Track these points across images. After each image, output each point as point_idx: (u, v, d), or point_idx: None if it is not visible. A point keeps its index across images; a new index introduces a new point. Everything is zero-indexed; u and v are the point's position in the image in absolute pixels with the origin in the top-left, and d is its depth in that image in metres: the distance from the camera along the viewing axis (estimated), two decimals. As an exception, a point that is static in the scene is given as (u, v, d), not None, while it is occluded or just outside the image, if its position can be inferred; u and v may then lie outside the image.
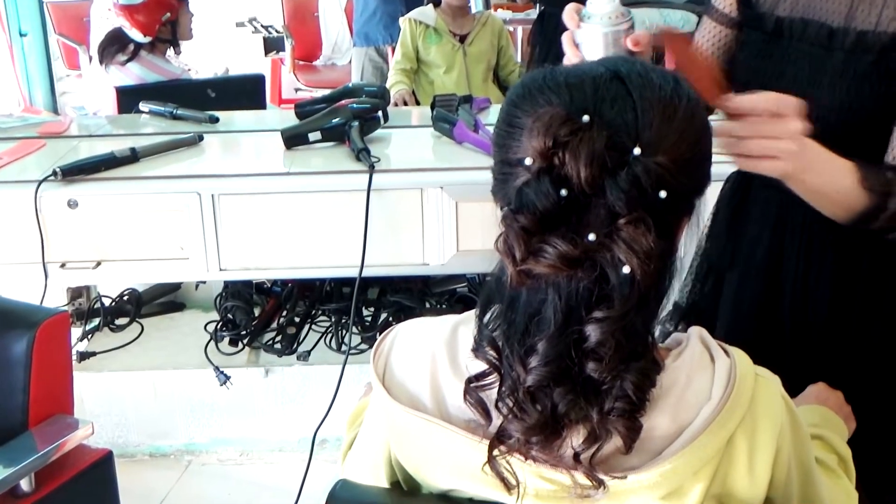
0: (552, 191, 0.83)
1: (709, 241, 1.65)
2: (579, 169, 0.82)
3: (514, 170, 0.87)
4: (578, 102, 0.86)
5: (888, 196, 1.23)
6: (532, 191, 0.84)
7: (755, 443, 0.91)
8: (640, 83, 0.88)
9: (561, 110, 0.85)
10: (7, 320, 1.58)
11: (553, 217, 0.84)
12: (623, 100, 0.86)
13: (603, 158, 0.82)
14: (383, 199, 2.25)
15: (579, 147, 0.82)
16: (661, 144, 0.85)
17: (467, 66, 3.75)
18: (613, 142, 0.83)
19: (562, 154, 0.83)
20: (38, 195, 2.21)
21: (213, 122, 2.81)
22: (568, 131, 0.83)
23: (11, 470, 1.45)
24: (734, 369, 0.92)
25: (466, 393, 0.93)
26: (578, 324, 0.86)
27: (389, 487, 1.04)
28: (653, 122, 0.86)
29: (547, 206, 0.83)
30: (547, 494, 0.92)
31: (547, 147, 0.83)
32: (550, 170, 0.84)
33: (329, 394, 2.33)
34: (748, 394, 0.91)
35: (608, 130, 0.84)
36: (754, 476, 0.92)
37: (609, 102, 0.86)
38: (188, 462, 2.88)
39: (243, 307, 2.81)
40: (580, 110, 0.84)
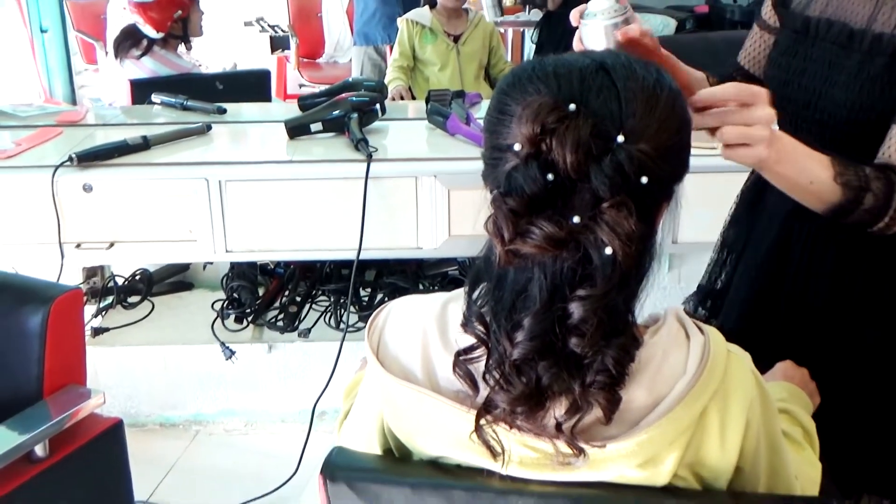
0: (539, 175, 0.82)
1: (729, 227, 1.65)
2: (565, 155, 0.81)
3: (504, 155, 0.87)
4: (566, 92, 0.85)
5: (863, 192, 1.22)
6: (520, 175, 0.84)
7: (727, 415, 0.91)
8: (625, 74, 0.87)
9: (549, 99, 0.84)
10: (24, 296, 1.57)
11: (540, 200, 0.83)
12: (608, 90, 0.85)
13: (588, 145, 0.82)
14: (380, 187, 2.24)
15: (566, 134, 0.82)
16: (643, 133, 0.84)
17: (460, 64, 3.74)
18: (598, 129, 0.83)
19: (549, 140, 0.82)
20: (55, 179, 2.19)
21: (220, 113, 2.79)
22: (555, 119, 0.82)
23: (27, 436, 1.44)
24: (708, 346, 0.91)
25: (456, 365, 0.92)
26: (563, 301, 0.85)
27: (382, 454, 1.03)
28: (636, 111, 0.85)
29: (534, 190, 0.83)
30: (530, 462, 0.92)
31: (535, 133, 0.82)
32: (538, 155, 0.83)
33: (328, 369, 2.33)
34: (721, 369, 0.91)
35: (593, 119, 0.83)
36: (725, 446, 0.91)
37: (595, 92, 0.85)
38: (196, 432, 2.87)
39: (248, 287, 2.80)
40: (567, 99, 0.84)
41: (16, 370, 1.55)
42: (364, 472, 1.00)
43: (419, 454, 1.00)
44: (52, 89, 6.02)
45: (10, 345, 1.55)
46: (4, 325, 1.55)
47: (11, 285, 1.62)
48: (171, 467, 2.68)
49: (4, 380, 1.56)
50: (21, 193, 2.23)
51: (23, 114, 2.81)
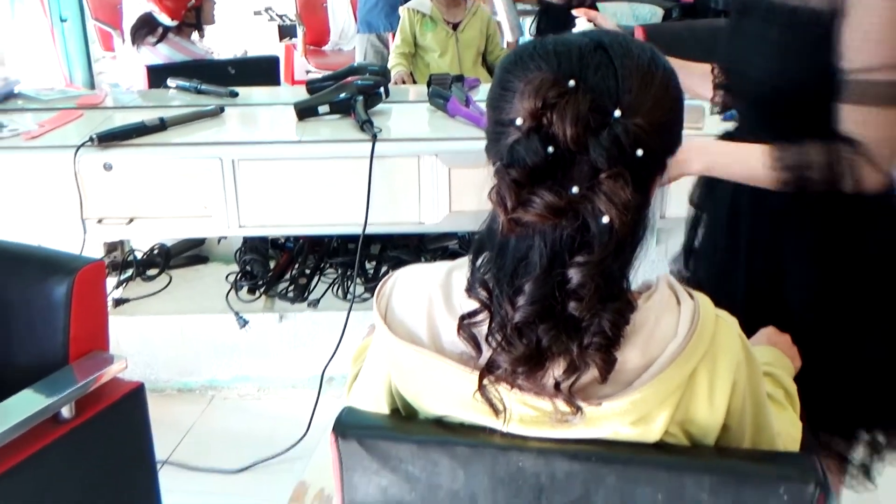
0: (540, 148, 0.82)
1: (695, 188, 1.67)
2: (565, 128, 0.81)
3: (507, 129, 0.86)
4: (565, 69, 0.85)
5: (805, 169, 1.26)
6: (522, 147, 0.83)
7: (715, 376, 0.91)
8: (621, 52, 0.87)
9: (549, 75, 0.84)
10: (50, 267, 1.56)
11: (541, 171, 0.83)
12: (606, 67, 0.85)
13: (587, 119, 0.82)
14: (384, 166, 2.23)
15: (566, 109, 0.81)
16: (639, 108, 0.84)
17: (459, 51, 3.72)
18: (596, 104, 0.82)
19: (550, 115, 0.82)
20: (76, 159, 2.18)
21: (233, 97, 2.77)
22: (556, 94, 0.82)
23: (54, 398, 1.44)
24: (698, 311, 0.91)
25: (460, 328, 0.92)
26: (562, 267, 0.85)
27: (390, 414, 1.03)
28: (632, 87, 0.85)
29: (535, 162, 0.82)
30: (530, 419, 0.92)
31: (536, 108, 0.82)
32: (539, 129, 0.83)
33: (336, 337, 2.33)
34: (710, 333, 0.91)
35: (592, 94, 0.83)
36: (713, 405, 0.91)
37: (593, 69, 0.85)
38: (211, 396, 2.88)
39: (260, 260, 2.80)
40: (567, 76, 0.83)
41: (43, 337, 1.55)
42: (373, 429, 1.00)
43: (425, 413, 1.00)
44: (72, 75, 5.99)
45: (37, 313, 1.55)
46: (32, 294, 1.55)
47: (38, 258, 1.61)
48: (189, 430, 2.68)
49: (32, 346, 1.56)
50: (45, 172, 2.22)
51: (45, 97, 2.79)
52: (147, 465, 1.72)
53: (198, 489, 2.40)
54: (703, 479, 0.90)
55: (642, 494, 0.91)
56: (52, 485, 1.48)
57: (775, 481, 0.89)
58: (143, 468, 1.71)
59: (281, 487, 2.35)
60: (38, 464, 1.43)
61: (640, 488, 0.91)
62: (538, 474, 0.93)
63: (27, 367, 1.54)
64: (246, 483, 2.44)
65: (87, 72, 5.01)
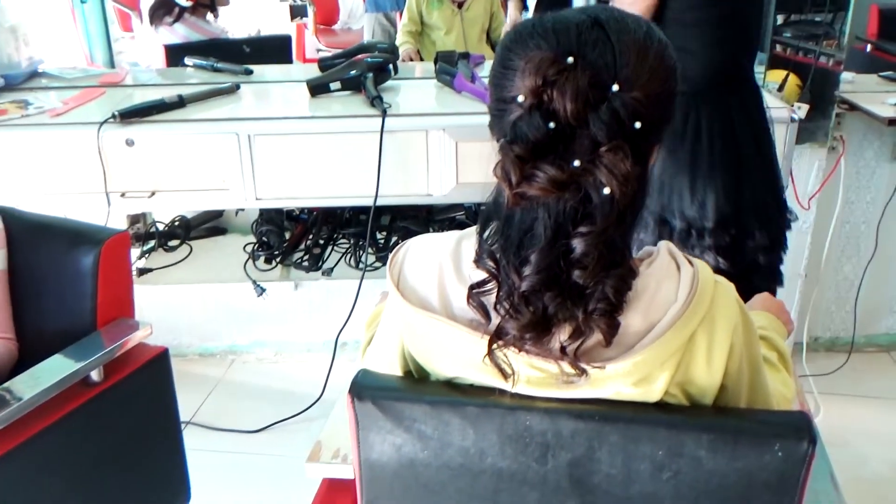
0: (542, 123, 0.81)
1: None
2: (566, 104, 0.80)
3: (509, 106, 0.86)
4: (564, 46, 0.83)
5: None
6: (525, 124, 0.82)
7: (713, 339, 0.90)
8: (618, 28, 0.85)
9: (549, 53, 0.83)
10: (78, 238, 1.56)
11: (543, 146, 0.82)
12: (603, 43, 0.84)
13: (586, 94, 0.81)
14: (394, 140, 2.22)
15: (565, 85, 0.80)
16: (636, 82, 0.83)
17: (464, 28, 3.70)
18: (595, 80, 0.81)
19: (550, 91, 0.81)
20: (99, 135, 2.17)
21: (248, 74, 2.76)
22: (555, 71, 0.81)
23: (84, 363, 1.45)
24: (697, 276, 0.91)
25: (469, 297, 0.91)
26: (566, 238, 0.85)
27: (403, 376, 1.04)
28: (629, 62, 0.84)
29: (538, 137, 0.82)
30: (537, 381, 0.92)
31: (537, 85, 0.81)
32: (540, 105, 0.82)
33: (349, 303, 2.33)
34: (708, 298, 0.90)
35: (590, 70, 0.82)
36: (712, 367, 0.91)
37: (591, 45, 0.84)
38: (231, 360, 2.90)
39: (276, 231, 2.80)
40: (566, 53, 0.82)
41: (72, 304, 1.55)
42: (387, 391, 1.00)
43: (436, 375, 1.00)
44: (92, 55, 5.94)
45: (66, 282, 1.55)
46: (60, 264, 1.55)
47: (65, 229, 1.62)
48: (210, 392, 2.71)
49: (62, 313, 1.56)
50: (69, 148, 2.21)
51: (68, 76, 2.78)
52: (172, 426, 1.73)
53: (219, 448, 2.43)
54: (702, 437, 0.90)
55: (644, 451, 0.91)
56: (82, 444, 1.50)
57: (770, 438, 0.89)
58: (169, 428, 1.72)
59: (298, 446, 2.38)
60: (69, 425, 1.44)
61: (642, 446, 0.91)
62: (545, 432, 0.93)
63: (57, 334, 1.54)
64: (265, 442, 2.46)
65: (108, 51, 4.96)
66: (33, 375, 1.41)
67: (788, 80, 2.70)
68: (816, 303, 2.76)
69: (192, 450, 1.80)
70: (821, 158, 2.55)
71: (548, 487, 0.95)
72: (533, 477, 0.95)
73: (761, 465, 0.89)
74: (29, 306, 1.60)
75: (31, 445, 1.36)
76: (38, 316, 1.59)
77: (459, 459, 0.97)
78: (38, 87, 2.63)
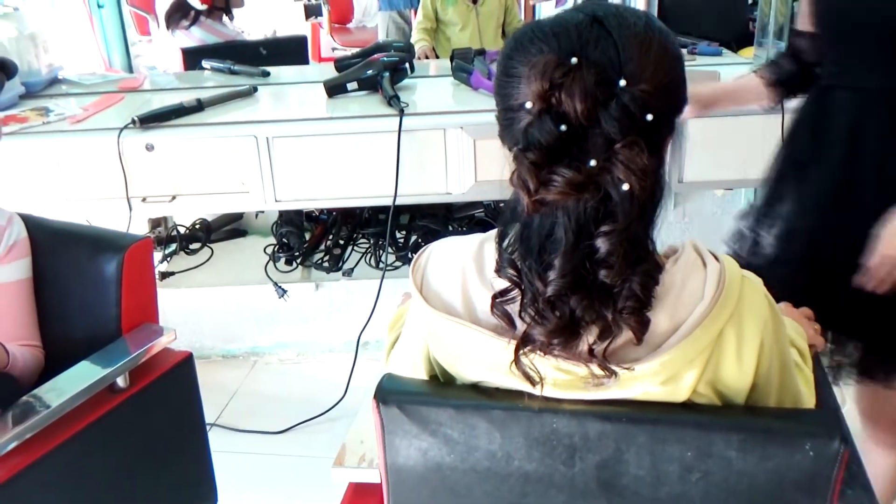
0: (553, 127, 0.81)
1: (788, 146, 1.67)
2: (575, 105, 0.80)
3: (517, 114, 0.85)
4: (566, 47, 0.83)
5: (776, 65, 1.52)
6: (536, 129, 0.82)
7: (742, 336, 0.89)
8: (617, 23, 0.85)
9: (552, 56, 0.82)
10: (101, 245, 1.57)
11: (557, 150, 0.81)
12: (605, 40, 0.83)
13: (594, 93, 0.80)
14: (412, 139, 2.22)
15: (572, 86, 0.80)
16: (642, 74, 0.82)
17: (479, 24, 3.68)
18: (601, 77, 0.81)
19: (558, 94, 0.80)
20: (120, 140, 2.19)
21: (265, 76, 2.76)
22: (561, 73, 0.80)
23: (110, 369, 1.46)
24: (723, 273, 0.90)
25: (493, 307, 0.91)
26: (589, 239, 0.84)
27: (428, 380, 1.03)
28: (633, 55, 0.83)
29: (550, 141, 0.81)
30: (563, 383, 0.91)
31: (544, 89, 0.81)
32: (549, 109, 0.81)
33: (370, 303, 2.34)
34: (736, 294, 0.89)
35: (595, 68, 0.81)
36: (742, 364, 0.90)
37: (593, 44, 0.83)
38: (254, 362, 2.91)
39: (296, 232, 2.81)
40: (568, 54, 0.81)
41: (97, 311, 1.56)
42: (412, 395, 0.99)
43: (461, 379, 1.00)
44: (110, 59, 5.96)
45: (90, 289, 1.56)
46: (85, 271, 1.56)
47: (89, 236, 1.62)
48: (234, 394, 2.72)
49: (87, 320, 1.57)
50: (90, 154, 2.23)
51: (87, 82, 2.80)
52: (198, 429, 1.74)
53: (244, 449, 2.44)
54: (731, 437, 0.89)
55: (672, 452, 0.90)
56: (110, 450, 1.51)
57: (801, 438, 0.88)
58: (195, 432, 1.73)
59: (322, 446, 2.39)
60: (96, 431, 1.45)
61: (670, 446, 0.90)
62: (571, 434, 0.92)
63: (83, 340, 1.55)
64: (289, 442, 2.47)
65: (125, 55, 4.99)
66: (60, 383, 1.41)
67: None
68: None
69: (216, 452, 1.81)
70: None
71: (576, 490, 0.94)
72: (560, 479, 0.95)
73: (792, 465, 0.88)
74: (54, 313, 1.61)
75: (59, 453, 1.37)
76: (63, 323, 1.60)
77: (486, 463, 0.96)
78: (58, 94, 2.65)
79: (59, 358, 1.52)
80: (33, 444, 1.32)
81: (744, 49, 2.95)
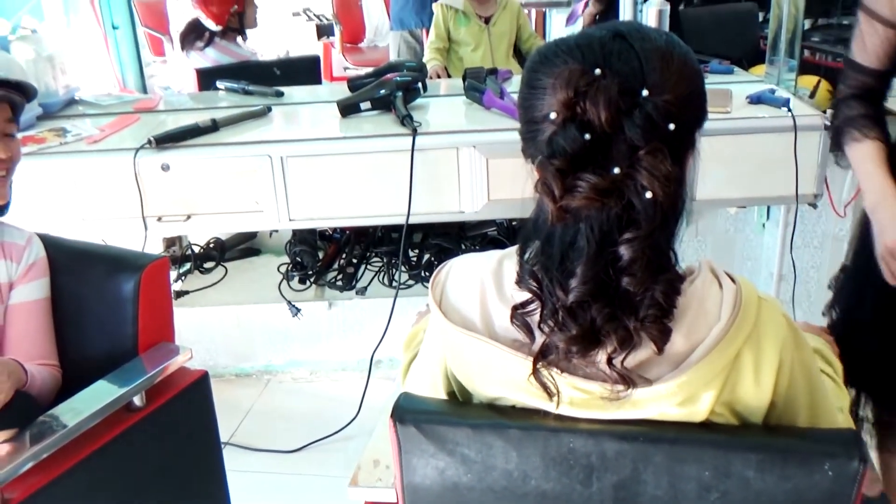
0: (578, 135, 0.82)
1: None
2: (599, 113, 0.81)
3: (541, 126, 0.86)
4: (590, 59, 0.85)
5: None
6: (561, 138, 0.83)
7: (760, 357, 0.89)
8: (639, 37, 0.87)
9: (577, 67, 0.84)
10: (118, 265, 1.59)
11: (582, 157, 0.83)
12: (627, 52, 0.85)
13: (618, 102, 0.82)
14: (425, 158, 2.23)
15: (597, 95, 0.82)
16: (664, 85, 0.84)
17: (492, 44, 3.70)
18: (625, 87, 0.82)
19: (583, 103, 0.82)
20: (136, 161, 2.20)
21: (278, 96, 2.78)
22: (585, 83, 0.82)
23: (126, 388, 1.47)
24: (740, 294, 0.90)
25: (513, 318, 0.91)
26: (611, 246, 0.85)
27: (445, 398, 1.04)
28: (655, 67, 0.85)
29: (575, 149, 0.82)
30: (580, 402, 0.91)
31: (569, 98, 0.82)
32: (574, 118, 0.83)
33: (383, 322, 2.34)
34: (753, 315, 0.89)
35: (619, 78, 0.83)
36: (760, 385, 0.90)
37: (616, 56, 0.85)
38: (267, 380, 2.91)
39: (309, 251, 2.81)
40: (592, 65, 0.83)
41: (113, 331, 1.57)
42: (429, 414, 1.00)
43: (478, 396, 1.00)
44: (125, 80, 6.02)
45: (107, 308, 1.57)
46: (101, 291, 1.57)
47: (106, 256, 1.64)
48: (248, 412, 2.72)
49: (104, 339, 1.58)
50: (107, 174, 2.25)
51: (104, 103, 2.83)
52: (213, 448, 1.75)
53: (257, 468, 2.44)
54: (750, 457, 0.89)
55: (690, 472, 0.90)
56: (126, 469, 1.51)
57: (820, 458, 0.88)
58: (210, 450, 1.74)
59: (336, 465, 2.39)
60: (113, 450, 1.45)
61: (688, 466, 0.90)
62: (589, 454, 0.92)
63: (100, 359, 1.56)
64: (303, 461, 2.47)
65: (140, 76, 5.04)
66: (77, 402, 1.42)
67: (820, 87, 2.68)
68: (856, 311, 2.71)
69: (230, 470, 1.81)
70: (856, 165, 2.51)
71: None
72: (577, 499, 0.94)
73: (811, 485, 0.88)
74: (71, 332, 1.62)
75: (76, 472, 1.37)
76: (80, 342, 1.61)
77: (503, 482, 0.96)
78: (74, 115, 2.68)
79: (77, 377, 1.53)
80: (50, 463, 1.33)
81: (755, 66, 2.95)
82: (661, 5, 2.38)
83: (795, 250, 2.49)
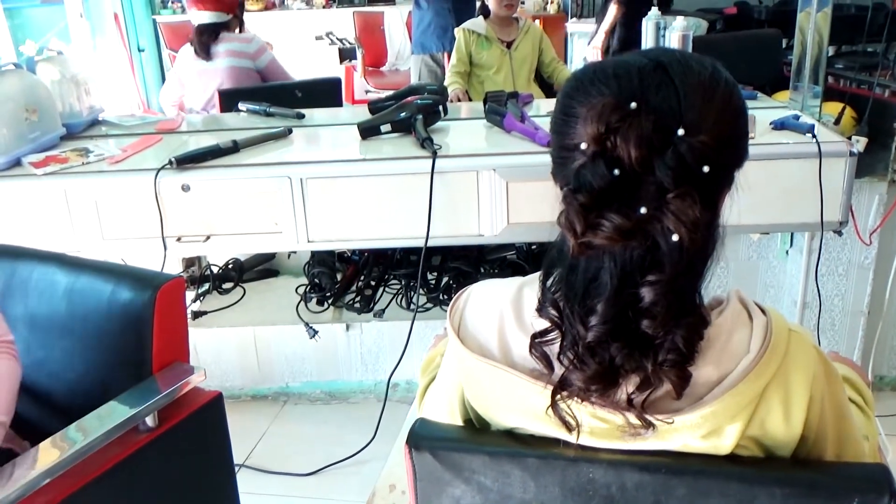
0: (606, 171, 0.79)
1: None
2: (630, 150, 0.78)
3: (572, 154, 0.83)
4: (626, 91, 0.81)
5: None
6: (588, 172, 0.80)
7: (790, 391, 0.86)
8: (681, 70, 0.83)
9: (611, 99, 0.80)
10: (134, 283, 1.58)
11: (608, 194, 0.80)
12: (666, 86, 0.82)
13: (650, 140, 0.78)
14: (444, 181, 2.22)
15: (629, 131, 0.78)
16: (702, 125, 0.80)
17: (513, 68, 3.70)
18: (659, 125, 0.79)
19: (613, 138, 0.79)
20: (157, 181, 2.21)
21: (299, 118, 2.79)
22: (618, 118, 0.79)
23: (139, 408, 1.45)
24: (770, 326, 0.87)
25: (532, 347, 0.89)
26: (633, 287, 0.82)
27: (462, 425, 1.01)
28: (694, 104, 0.81)
29: (602, 185, 0.79)
30: (601, 432, 0.89)
31: (600, 133, 0.79)
32: (604, 153, 0.80)
33: (401, 345, 2.32)
34: (783, 347, 0.86)
35: (654, 115, 0.79)
36: (790, 421, 0.87)
37: (654, 89, 0.81)
38: (283, 402, 2.90)
39: (328, 273, 2.80)
40: (628, 98, 0.80)
41: (128, 350, 1.56)
42: (445, 441, 0.98)
43: (496, 425, 0.98)
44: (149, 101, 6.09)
45: (122, 327, 1.56)
46: (117, 309, 1.56)
47: (122, 274, 1.63)
48: (263, 434, 2.70)
49: (118, 358, 1.57)
50: (128, 194, 2.25)
51: (126, 123, 2.84)
52: (226, 470, 1.72)
53: (272, 491, 2.42)
54: (775, 491, 0.86)
55: (714, 506, 0.87)
56: (137, 490, 1.49)
57: (849, 493, 0.85)
58: (223, 473, 1.72)
59: (351, 489, 2.36)
60: (125, 470, 1.44)
61: (712, 500, 0.87)
62: (609, 485, 0.90)
63: (114, 378, 1.55)
64: (317, 485, 2.44)
65: (164, 97, 5.09)
66: (89, 421, 1.41)
67: (844, 113, 2.65)
68: (881, 340, 2.66)
69: (244, 493, 1.79)
70: (881, 192, 2.47)
71: (613, 543, 0.91)
72: (597, 531, 0.92)
73: (840, 522, 0.85)
74: (86, 351, 1.61)
75: (86, 492, 1.36)
76: (95, 360, 1.60)
77: (520, 512, 0.94)
78: (97, 135, 2.69)
79: (90, 396, 1.52)
80: (61, 482, 1.31)
81: (778, 93, 2.93)
82: (685, 30, 2.37)
83: (820, 278, 2.45)
